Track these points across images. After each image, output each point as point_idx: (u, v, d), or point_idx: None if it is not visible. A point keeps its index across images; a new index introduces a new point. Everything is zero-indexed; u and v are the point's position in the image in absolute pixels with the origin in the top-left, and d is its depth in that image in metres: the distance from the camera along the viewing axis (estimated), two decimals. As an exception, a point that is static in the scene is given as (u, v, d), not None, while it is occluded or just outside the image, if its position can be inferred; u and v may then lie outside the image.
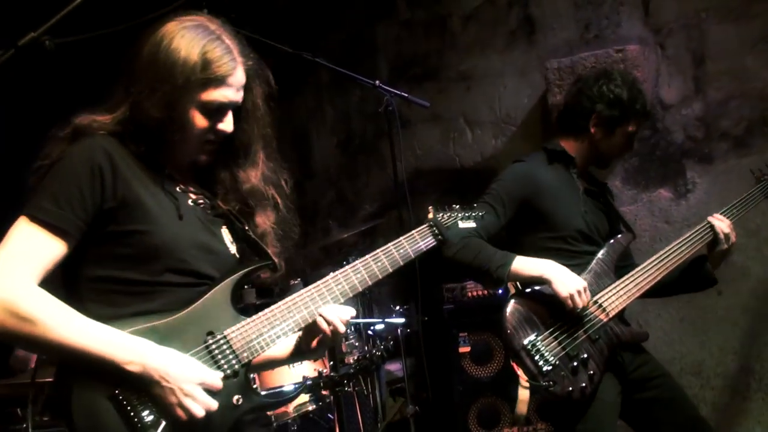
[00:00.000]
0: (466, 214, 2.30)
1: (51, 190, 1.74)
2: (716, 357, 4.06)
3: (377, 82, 2.73)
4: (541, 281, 2.87)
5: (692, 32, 4.10)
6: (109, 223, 1.78)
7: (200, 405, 1.73)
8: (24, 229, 1.72)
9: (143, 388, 1.71)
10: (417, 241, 2.11)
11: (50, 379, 1.89)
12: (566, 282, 2.83)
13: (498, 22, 4.70)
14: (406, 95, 2.78)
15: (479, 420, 4.11)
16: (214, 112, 1.89)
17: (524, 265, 2.89)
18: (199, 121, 1.88)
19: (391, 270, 2.05)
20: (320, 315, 1.94)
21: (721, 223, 3.09)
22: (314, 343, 2.01)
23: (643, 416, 3.05)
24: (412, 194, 2.82)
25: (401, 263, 2.07)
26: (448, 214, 2.25)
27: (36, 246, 1.71)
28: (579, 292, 2.82)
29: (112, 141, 1.83)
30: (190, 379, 1.73)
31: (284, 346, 2.07)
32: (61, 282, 1.80)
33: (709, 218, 3.12)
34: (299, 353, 2.08)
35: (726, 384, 4.03)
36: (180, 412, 1.71)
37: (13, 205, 1.79)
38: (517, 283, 2.96)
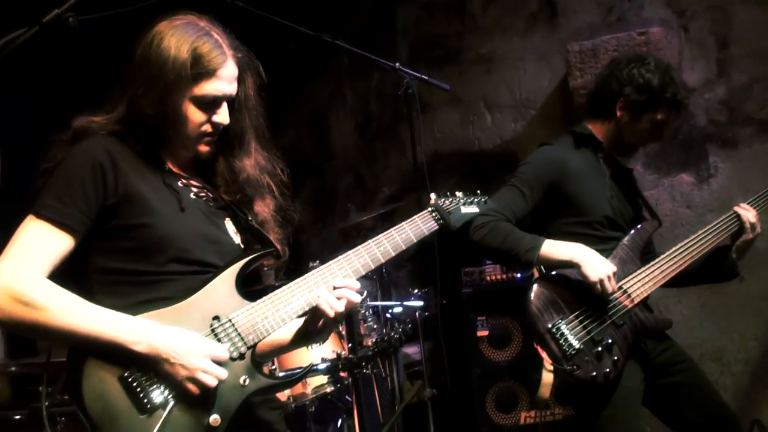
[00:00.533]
0: (469, 200, 2.32)
1: (55, 190, 1.82)
2: (737, 343, 4.03)
3: (397, 64, 2.71)
4: (571, 265, 2.85)
5: (716, 14, 4.04)
6: (113, 219, 1.84)
7: (211, 376, 1.77)
8: (31, 226, 1.80)
9: (152, 368, 1.76)
10: (418, 225, 2.14)
11: (64, 359, 1.93)
12: (596, 266, 2.81)
13: (519, 4, 4.66)
14: (426, 78, 2.76)
15: (497, 404, 4.11)
16: (209, 105, 1.95)
17: (554, 248, 2.87)
18: (195, 115, 1.94)
19: (393, 254, 2.08)
20: (319, 297, 1.94)
21: (748, 213, 3.06)
22: (320, 324, 2.02)
23: (666, 402, 3.04)
24: (431, 177, 2.81)
25: (403, 247, 2.10)
26: (451, 200, 2.27)
27: (43, 242, 1.79)
28: (609, 277, 2.80)
29: (111, 140, 1.90)
30: (197, 352, 1.77)
31: (289, 331, 2.10)
32: (71, 276, 1.85)
33: (736, 208, 3.09)
34: (304, 337, 2.09)
35: (746, 370, 4.01)
36: (191, 386, 1.76)
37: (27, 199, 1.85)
38: (542, 267, 2.95)
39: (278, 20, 2.46)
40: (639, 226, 3.08)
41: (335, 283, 1.97)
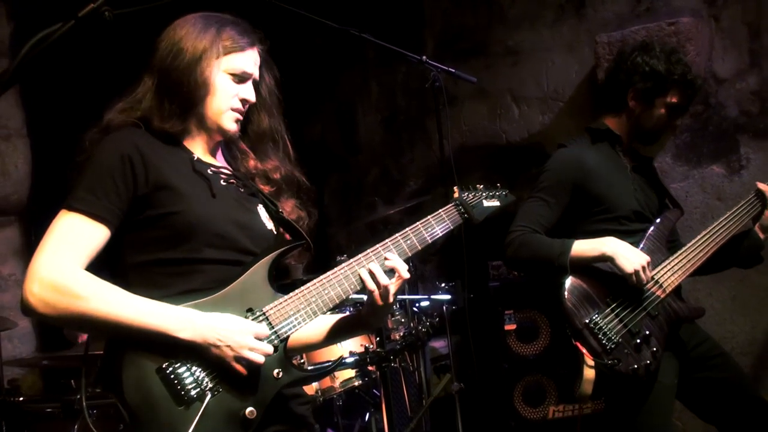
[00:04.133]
0: (491, 193, 2.32)
1: (86, 183, 1.84)
2: (769, 336, 3.98)
3: (424, 57, 2.71)
4: (604, 259, 2.84)
5: (748, 3, 3.97)
6: (145, 209, 1.86)
7: (257, 352, 1.80)
8: (65, 219, 1.82)
9: (198, 354, 1.78)
10: (444, 220, 2.15)
11: (101, 352, 1.97)
12: (630, 258, 2.80)
13: (546, -5, 4.62)
14: (453, 71, 2.75)
15: (524, 398, 4.10)
16: (238, 78, 1.98)
17: (584, 247, 2.86)
18: (225, 85, 1.97)
19: (420, 248, 2.09)
20: (369, 270, 1.96)
21: None
22: (374, 303, 2.01)
23: (701, 396, 3.02)
24: (457, 171, 2.80)
25: (429, 241, 2.11)
26: (473, 193, 2.28)
27: (78, 234, 1.80)
28: (643, 267, 2.79)
29: (139, 132, 1.92)
30: (241, 331, 1.80)
31: (324, 326, 2.12)
32: (109, 273, 1.87)
33: (758, 184, 3.08)
34: (358, 325, 2.14)
35: (779, 364, 3.96)
36: (239, 366, 1.79)
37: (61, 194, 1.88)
38: None
39: (304, 14, 2.47)
40: (662, 216, 3.06)
41: (387, 255, 2.00)
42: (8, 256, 4.53)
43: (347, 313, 2.17)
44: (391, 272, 2.00)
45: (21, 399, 3.43)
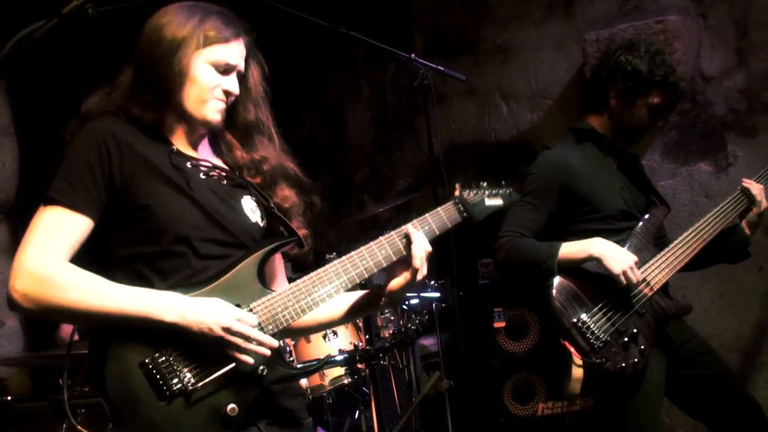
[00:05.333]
0: (494, 191, 2.29)
1: (63, 173, 1.82)
2: (757, 333, 4.00)
3: (412, 55, 2.71)
4: (591, 261, 2.85)
5: (736, 1, 3.99)
6: (122, 199, 1.84)
7: (242, 335, 1.78)
8: (44, 213, 1.81)
9: (182, 338, 1.77)
10: (442, 218, 2.13)
11: (86, 351, 1.97)
12: (617, 259, 2.81)
13: (535, -7, 4.63)
14: (441, 68, 2.75)
15: (514, 395, 4.11)
16: (221, 69, 1.95)
17: (571, 249, 2.87)
18: (206, 75, 1.93)
19: None
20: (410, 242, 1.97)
21: (753, 187, 3.07)
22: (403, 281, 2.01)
23: (689, 393, 3.04)
24: (447, 169, 2.80)
25: (426, 239, 2.07)
26: (475, 191, 2.25)
27: (57, 226, 1.79)
28: (631, 268, 2.80)
29: (117, 120, 1.89)
30: (226, 315, 1.78)
31: (338, 306, 2.11)
32: (96, 269, 1.84)
33: (744, 181, 3.10)
34: (360, 308, 2.13)
35: (767, 361, 3.98)
36: (224, 349, 1.78)
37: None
38: None
39: (293, 12, 2.46)
40: (648, 214, 3.08)
41: (413, 234, 1.99)
42: (-4, 255, 4.51)
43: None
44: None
45: (9, 398, 3.41)
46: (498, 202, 2.28)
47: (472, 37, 4.86)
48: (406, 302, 4.18)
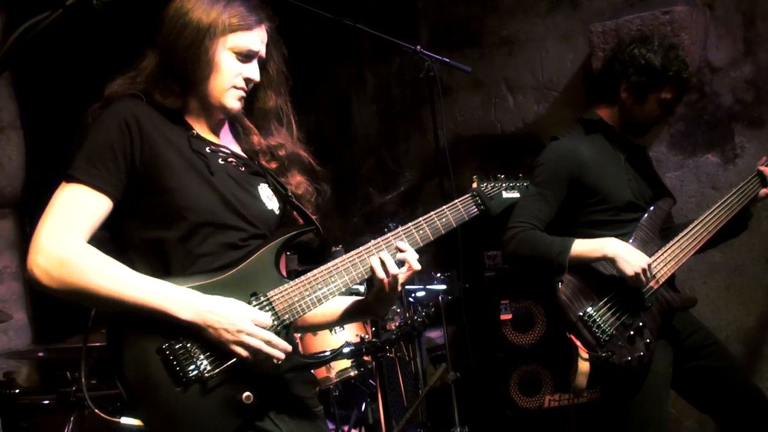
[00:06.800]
0: (511, 184, 2.28)
1: (85, 152, 1.82)
2: (763, 325, 3.99)
3: (418, 47, 2.70)
4: (604, 260, 2.84)
5: (743, -9, 3.97)
6: (142, 182, 1.84)
7: (257, 338, 1.79)
8: (65, 191, 1.81)
9: (197, 336, 1.77)
10: (459, 211, 2.12)
11: (98, 344, 1.98)
12: (631, 260, 2.80)
13: (541, -16, 4.61)
14: (447, 60, 2.74)
15: (520, 387, 4.11)
16: (243, 57, 1.94)
17: (584, 247, 2.86)
18: (229, 63, 1.93)
19: (432, 238, 2.06)
20: (380, 259, 1.95)
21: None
22: (379, 291, 2.01)
23: (695, 385, 3.03)
24: (452, 161, 2.80)
25: (443, 232, 2.08)
26: (492, 184, 2.24)
27: (79, 205, 1.79)
28: (644, 270, 2.78)
29: (139, 103, 1.89)
30: (242, 317, 1.79)
31: (334, 307, 2.12)
32: (113, 250, 1.85)
33: (759, 166, 3.08)
34: (363, 311, 2.12)
35: (774, 352, 3.97)
36: (238, 349, 1.78)
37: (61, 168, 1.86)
38: None
39: (298, 3, 2.46)
40: (654, 206, 3.06)
41: (400, 245, 1.97)
42: (2, 249, 4.52)
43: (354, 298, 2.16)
44: (401, 262, 1.98)
45: (17, 391, 3.42)
46: (515, 195, 2.27)
47: (477, 29, 4.85)
48: (413, 294, 4.18)
